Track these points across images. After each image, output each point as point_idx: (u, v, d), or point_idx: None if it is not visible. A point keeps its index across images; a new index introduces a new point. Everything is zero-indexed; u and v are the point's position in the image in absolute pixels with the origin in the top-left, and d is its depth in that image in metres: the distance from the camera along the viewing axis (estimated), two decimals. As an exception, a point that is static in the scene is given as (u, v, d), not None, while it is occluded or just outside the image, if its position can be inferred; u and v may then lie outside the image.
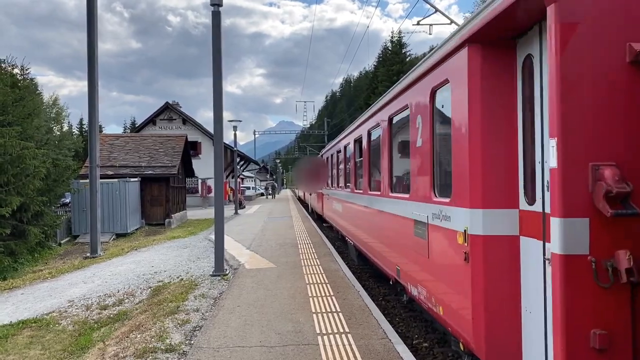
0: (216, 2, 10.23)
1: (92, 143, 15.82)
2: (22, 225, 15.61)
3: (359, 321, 6.69)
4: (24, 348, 7.00)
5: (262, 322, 6.74)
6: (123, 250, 16.34)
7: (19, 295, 10.64)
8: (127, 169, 25.37)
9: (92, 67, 15.48)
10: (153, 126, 43.08)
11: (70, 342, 7.13)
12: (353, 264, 12.36)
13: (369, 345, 5.72)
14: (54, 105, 47.85)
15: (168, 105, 43.79)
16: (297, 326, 6.52)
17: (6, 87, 16.91)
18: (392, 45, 57.95)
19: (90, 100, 15.58)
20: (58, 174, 18.86)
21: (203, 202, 40.70)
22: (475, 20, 4.10)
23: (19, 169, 15.36)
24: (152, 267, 12.09)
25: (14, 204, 14.69)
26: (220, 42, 10.50)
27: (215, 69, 10.48)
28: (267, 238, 16.61)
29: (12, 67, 19.24)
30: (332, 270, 10.39)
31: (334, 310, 7.24)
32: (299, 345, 5.79)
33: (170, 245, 16.60)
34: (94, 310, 8.62)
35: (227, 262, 11.39)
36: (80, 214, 21.12)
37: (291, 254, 12.86)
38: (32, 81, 20.99)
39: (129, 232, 22.03)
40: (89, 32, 15.43)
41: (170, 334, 6.43)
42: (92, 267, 13.14)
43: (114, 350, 6.11)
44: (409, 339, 7.03)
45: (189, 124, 43.83)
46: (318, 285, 8.95)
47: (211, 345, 5.89)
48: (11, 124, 16.23)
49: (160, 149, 27.57)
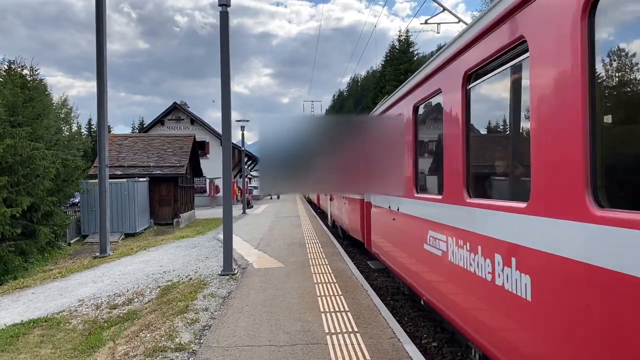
0: (224, 2, 10.25)
1: (101, 143, 15.92)
2: (32, 225, 15.74)
3: (368, 320, 6.68)
4: (35, 347, 7.06)
5: (271, 322, 6.75)
6: (132, 249, 16.43)
7: (30, 294, 10.73)
8: (135, 169, 25.53)
9: (101, 68, 15.57)
10: (161, 126, 43.33)
11: (80, 341, 7.18)
12: (361, 263, 12.32)
13: (377, 345, 5.71)
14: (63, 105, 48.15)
15: (176, 106, 44.01)
16: (305, 325, 6.52)
17: (16, 88, 17.08)
18: (400, 44, 57.70)
19: (99, 100, 15.68)
20: (67, 174, 19.00)
21: (211, 202, 40.85)
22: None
23: (29, 169, 15.49)
24: (161, 266, 12.15)
25: (24, 204, 14.83)
26: (228, 43, 10.52)
27: (223, 69, 10.50)
28: (275, 237, 16.63)
29: (22, 68, 19.43)
30: (341, 270, 10.38)
31: (343, 310, 7.23)
32: (308, 344, 5.79)
33: (179, 244, 16.67)
34: (103, 310, 8.67)
35: (235, 262, 11.42)
36: (89, 214, 21.26)
37: (299, 253, 12.87)
38: (41, 82, 21.21)
39: (137, 232, 22.15)
40: (98, 34, 15.52)
41: (180, 333, 6.45)
42: (101, 267, 13.23)
43: (124, 349, 6.15)
44: (418, 339, 7.01)
45: (197, 124, 44.03)
46: (326, 285, 8.95)
47: (220, 344, 5.90)
48: (21, 124, 16.40)
49: (168, 149, 27.71)
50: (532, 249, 3.45)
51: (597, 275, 2.76)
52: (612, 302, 2.65)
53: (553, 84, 3.24)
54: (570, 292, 3.02)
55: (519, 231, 3.65)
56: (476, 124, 4.85)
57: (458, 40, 5.00)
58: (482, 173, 4.88)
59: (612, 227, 2.66)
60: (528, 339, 3.54)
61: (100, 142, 15.97)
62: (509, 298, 3.77)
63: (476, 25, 4.49)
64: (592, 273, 2.80)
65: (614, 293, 2.64)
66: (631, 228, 2.51)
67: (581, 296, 2.91)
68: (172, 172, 25.93)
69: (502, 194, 4.45)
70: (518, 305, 3.62)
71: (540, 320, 3.35)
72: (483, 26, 4.28)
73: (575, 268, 2.96)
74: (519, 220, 3.64)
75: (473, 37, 4.52)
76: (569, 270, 3.03)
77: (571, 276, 3.01)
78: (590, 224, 2.82)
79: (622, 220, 2.59)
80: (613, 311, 2.65)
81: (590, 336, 2.84)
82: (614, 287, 2.63)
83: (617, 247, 2.62)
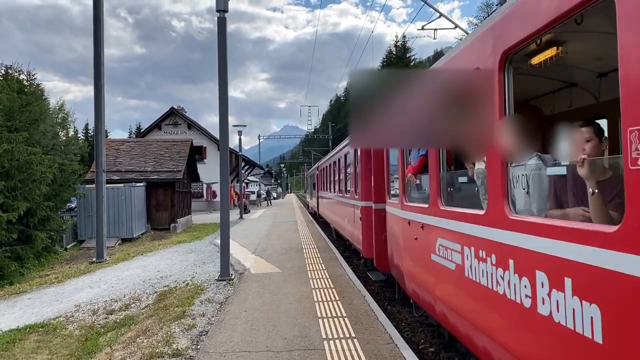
0: (222, 8, 10.29)
1: (98, 148, 15.91)
2: (28, 230, 15.67)
3: (365, 326, 6.68)
4: (32, 353, 7.03)
5: (268, 327, 6.74)
6: (129, 255, 16.40)
7: (26, 299, 10.70)
8: (132, 174, 25.48)
9: (98, 72, 15.58)
10: (158, 131, 43.24)
11: (77, 346, 7.16)
12: (358, 268, 12.33)
13: (375, 350, 5.71)
14: (60, 110, 48.08)
15: (173, 110, 43.96)
16: (303, 331, 6.52)
17: (13, 93, 17.01)
18: (397, 49, 58.03)
19: (96, 105, 15.68)
20: (64, 179, 18.94)
21: (208, 207, 40.76)
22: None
23: (25, 174, 15.44)
24: (158, 271, 12.12)
25: (20, 209, 14.77)
26: (226, 48, 10.55)
27: (220, 74, 10.52)
28: (272, 243, 16.62)
29: (19, 73, 19.39)
30: (338, 275, 10.38)
31: (340, 315, 7.23)
32: (305, 350, 5.79)
33: (176, 249, 16.64)
34: (100, 315, 8.65)
35: (232, 267, 11.40)
36: (86, 219, 21.19)
37: (296, 258, 12.86)
38: (38, 87, 21.07)
39: (134, 237, 22.09)
40: (95, 39, 15.53)
41: (177, 339, 6.44)
42: (98, 272, 13.19)
43: (121, 355, 6.13)
44: (415, 344, 7.02)
45: (194, 128, 43.98)
46: (324, 290, 8.95)
47: (218, 350, 5.90)
48: (18, 129, 16.34)
49: (165, 153, 27.68)
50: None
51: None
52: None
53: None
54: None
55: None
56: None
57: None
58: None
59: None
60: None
61: (97, 147, 15.96)
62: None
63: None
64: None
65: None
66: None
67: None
68: (169, 177, 25.89)
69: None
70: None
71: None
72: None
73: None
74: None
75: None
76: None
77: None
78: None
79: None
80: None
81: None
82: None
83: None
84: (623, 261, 2.40)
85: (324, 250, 14.35)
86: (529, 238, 3.35)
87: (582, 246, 2.73)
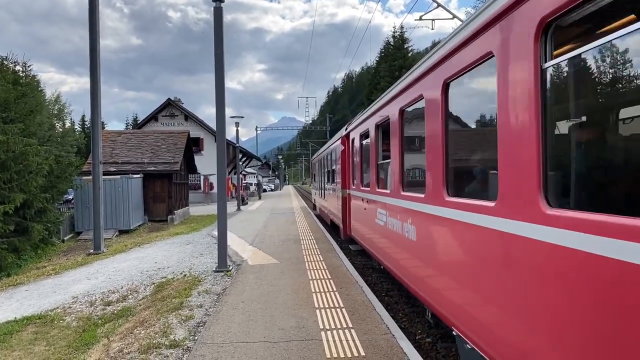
0: (218, -2, 10.20)
1: (95, 140, 15.85)
2: (25, 222, 15.64)
3: (362, 316, 6.70)
4: (29, 344, 7.03)
5: (266, 318, 6.76)
6: (126, 246, 16.39)
7: (23, 291, 10.69)
8: (129, 166, 25.40)
9: (95, 64, 15.47)
10: (155, 122, 43.07)
11: (74, 338, 7.16)
12: (356, 259, 12.34)
13: (372, 341, 5.73)
14: (56, 102, 47.88)
15: (170, 102, 43.76)
16: (300, 322, 6.53)
17: (8, 85, 16.90)
18: (394, 40, 57.72)
19: (92, 96, 15.59)
20: (61, 171, 18.86)
21: (205, 199, 40.73)
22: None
23: (21, 165, 15.38)
24: (156, 263, 12.12)
25: (17, 200, 14.73)
26: (222, 39, 10.48)
27: (217, 66, 10.46)
28: (269, 234, 16.63)
29: (15, 64, 19.23)
30: (335, 266, 10.40)
31: (337, 306, 7.25)
32: (303, 340, 5.81)
33: (173, 241, 16.64)
34: (97, 307, 8.65)
35: (230, 258, 11.41)
36: (83, 211, 21.15)
37: (294, 249, 12.88)
38: (34, 78, 20.91)
39: (131, 229, 22.07)
40: (91, 30, 15.41)
41: (174, 330, 6.45)
42: (95, 264, 13.19)
43: (119, 346, 6.14)
44: (412, 335, 7.05)
45: (191, 120, 43.82)
46: (321, 281, 8.96)
47: (215, 340, 5.91)
48: (14, 121, 16.25)
49: (162, 145, 27.58)
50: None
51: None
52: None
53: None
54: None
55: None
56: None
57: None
58: None
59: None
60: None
61: (94, 138, 15.90)
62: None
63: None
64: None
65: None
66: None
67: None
68: (166, 168, 25.83)
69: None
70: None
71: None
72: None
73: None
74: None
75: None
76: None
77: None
78: None
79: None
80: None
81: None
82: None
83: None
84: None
85: (321, 242, 14.37)
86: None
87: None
